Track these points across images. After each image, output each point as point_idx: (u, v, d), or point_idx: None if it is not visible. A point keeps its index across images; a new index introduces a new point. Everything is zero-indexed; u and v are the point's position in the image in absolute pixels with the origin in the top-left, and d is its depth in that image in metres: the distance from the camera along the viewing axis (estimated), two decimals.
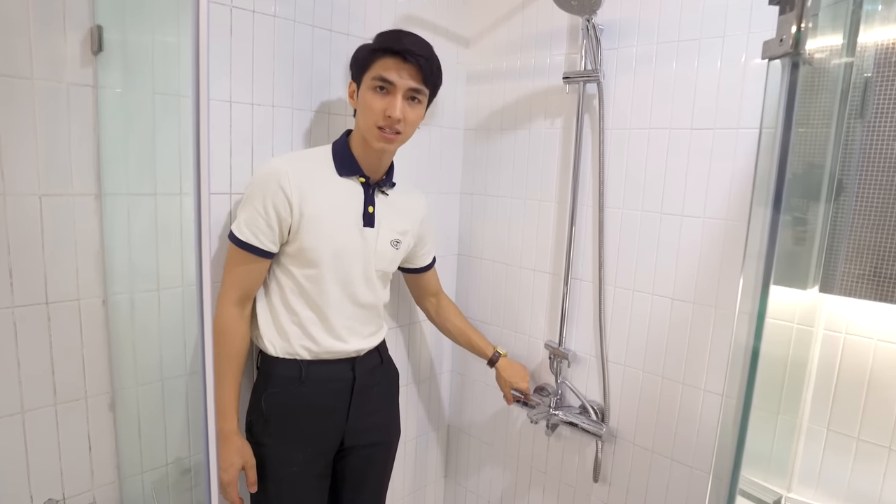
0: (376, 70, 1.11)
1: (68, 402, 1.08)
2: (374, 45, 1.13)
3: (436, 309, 1.53)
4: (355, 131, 1.20)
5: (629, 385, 1.42)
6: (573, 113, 1.45)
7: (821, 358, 1.13)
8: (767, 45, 0.65)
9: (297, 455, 1.19)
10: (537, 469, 1.65)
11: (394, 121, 1.11)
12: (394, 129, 1.13)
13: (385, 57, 1.11)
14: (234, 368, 1.14)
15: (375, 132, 1.13)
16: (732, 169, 1.20)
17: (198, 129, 0.71)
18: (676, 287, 1.31)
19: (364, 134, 1.16)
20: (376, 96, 1.12)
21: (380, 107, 1.11)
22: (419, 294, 1.52)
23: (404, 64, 1.10)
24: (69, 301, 1.06)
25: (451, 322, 1.52)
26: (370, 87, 1.12)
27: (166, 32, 1.10)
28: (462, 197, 1.78)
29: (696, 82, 1.25)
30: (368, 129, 1.14)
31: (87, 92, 1.02)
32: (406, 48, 1.10)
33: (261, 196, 1.09)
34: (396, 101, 1.11)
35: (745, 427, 0.84)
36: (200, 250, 0.75)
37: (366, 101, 1.12)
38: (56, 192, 1.01)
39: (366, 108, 1.13)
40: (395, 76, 1.10)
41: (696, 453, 1.31)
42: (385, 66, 1.11)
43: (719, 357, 1.25)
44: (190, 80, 0.70)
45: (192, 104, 0.70)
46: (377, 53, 1.11)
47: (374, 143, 1.15)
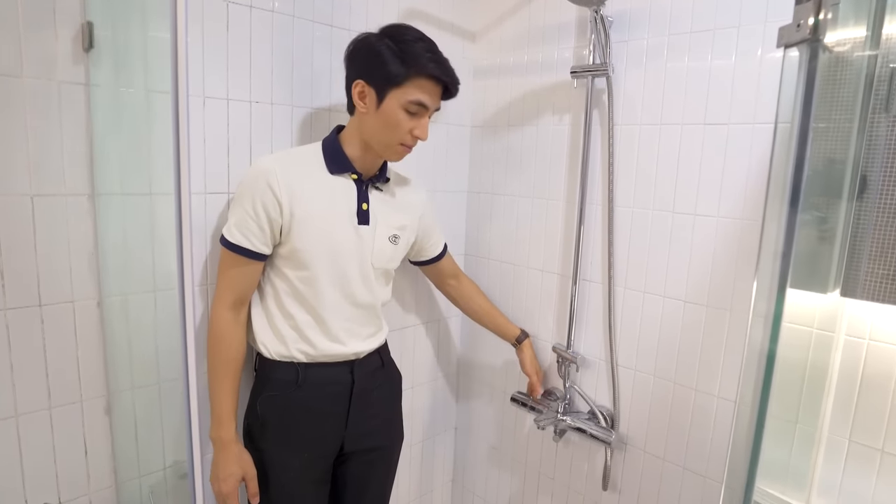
0: (414, 92, 1.07)
1: (63, 405, 1.07)
2: (412, 62, 1.06)
3: (457, 291, 1.51)
4: (353, 132, 1.16)
5: (640, 390, 1.37)
6: (582, 108, 1.40)
7: (842, 364, 1.07)
8: (784, 32, 0.60)
9: (295, 460, 1.16)
10: (545, 475, 1.61)
11: (419, 140, 1.13)
12: (414, 145, 1.14)
13: (425, 79, 1.08)
14: (230, 375, 1.11)
15: (397, 149, 1.14)
16: (748, 166, 1.15)
17: (177, 127, 0.68)
18: (689, 289, 1.26)
19: (377, 146, 1.14)
20: (408, 117, 1.09)
21: (409, 127, 1.10)
22: (438, 280, 1.52)
23: (437, 86, 1.10)
24: (63, 303, 1.04)
25: (476, 302, 1.52)
26: (403, 106, 1.08)
27: (159, 28, 1.07)
28: (469, 195, 1.74)
29: (709, 75, 1.19)
30: (388, 145, 1.13)
31: (78, 90, 1.00)
32: (452, 79, 1.11)
33: (250, 197, 1.07)
34: (426, 122, 1.12)
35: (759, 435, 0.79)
36: (181, 252, 0.73)
37: (395, 119, 1.09)
38: (48, 193, 1.00)
39: (392, 125, 1.10)
40: (431, 102, 1.10)
41: (710, 462, 1.26)
42: (424, 89, 1.08)
43: (734, 362, 1.20)
44: (169, 75, 0.67)
45: (172, 101, 0.68)
46: (415, 73, 1.06)
47: (390, 157, 1.16)
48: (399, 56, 1.06)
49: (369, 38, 1.10)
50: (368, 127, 1.12)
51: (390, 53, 1.06)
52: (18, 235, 0.98)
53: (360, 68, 1.11)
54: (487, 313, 1.52)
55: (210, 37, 1.13)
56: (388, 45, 1.07)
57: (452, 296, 1.53)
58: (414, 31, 1.10)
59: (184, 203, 0.71)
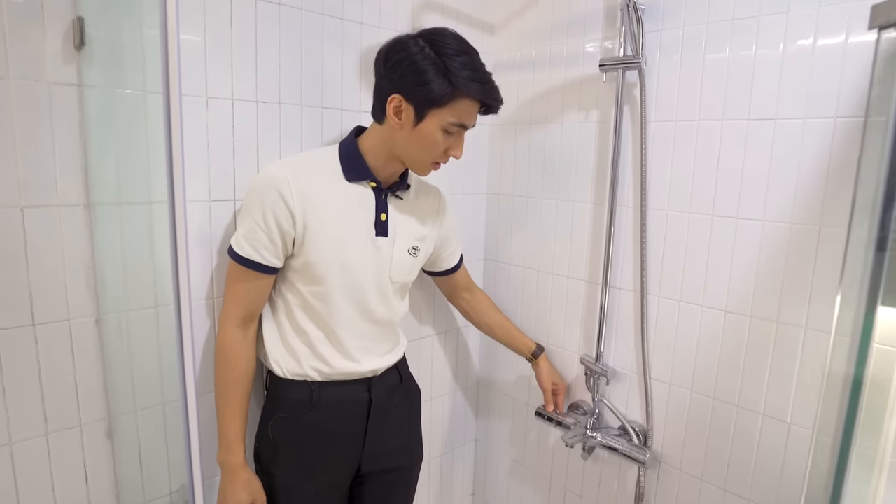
0: (458, 114, 1.00)
1: (61, 430, 1.00)
2: (454, 81, 0.96)
3: (470, 304, 1.43)
4: (377, 142, 1.06)
5: (675, 406, 1.28)
6: (611, 104, 1.31)
7: None
8: (880, 10, 0.51)
9: (310, 486, 1.08)
10: (572, 492, 1.53)
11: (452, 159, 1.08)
12: None
13: (469, 101, 1.00)
14: (238, 395, 1.04)
15: (429, 167, 1.08)
16: (798, 164, 1.05)
17: (169, 130, 0.60)
18: (730, 298, 1.16)
19: (408, 162, 1.07)
20: (446, 136, 1.02)
21: (445, 146, 1.04)
22: (451, 292, 1.43)
23: (479, 106, 1.03)
24: (58, 322, 0.97)
25: (490, 316, 1.43)
26: (443, 126, 1.00)
27: (157, 24, 1.00)
28: (489, 198, 1.65)
29: (754, 66, 1.09)
30: (422, 163, 1.06)
31: (70, 91, 0.92)
32: (498, 104, 1.05)
33: (259, 207, 0.99)
34: (462, 141, 1.07)
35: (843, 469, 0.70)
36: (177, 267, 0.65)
37: (433, 139, 1.01)
38: (40, 203, 0.92)
39: (431, 146, 1.03)
40: (472, 122, 1.04)
41: (755, 485, 1.16)
42: (468, 111, 1.01)
43: (781, 378, 1.10)
44: (159, 74, 0.58)
45: (163, 101, 0.59)
46: (462, 95, 0.98)
47: (420, 173, 1.10)
48: (443, 74, 0.96)
49: (409, 48, 0.98)
50: (400, 143, 1.04)
51: (434, 71, 0.96)
52: (9, 250, 0.90)
53: (398, 82, 0.99)
54: (502, 327, 1.43)
55: (212, 32, 1.04)
56: (431, 60, 0.96)
57: (465, 309, 1.44)
58: (456, 41, 1.00)
59: (178, 213, 0.63)
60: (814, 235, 1.04)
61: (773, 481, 1.13)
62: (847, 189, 1.00)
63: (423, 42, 0.97)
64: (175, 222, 0.64)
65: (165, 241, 1.04)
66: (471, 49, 1.01)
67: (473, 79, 0.97)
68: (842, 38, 0.98)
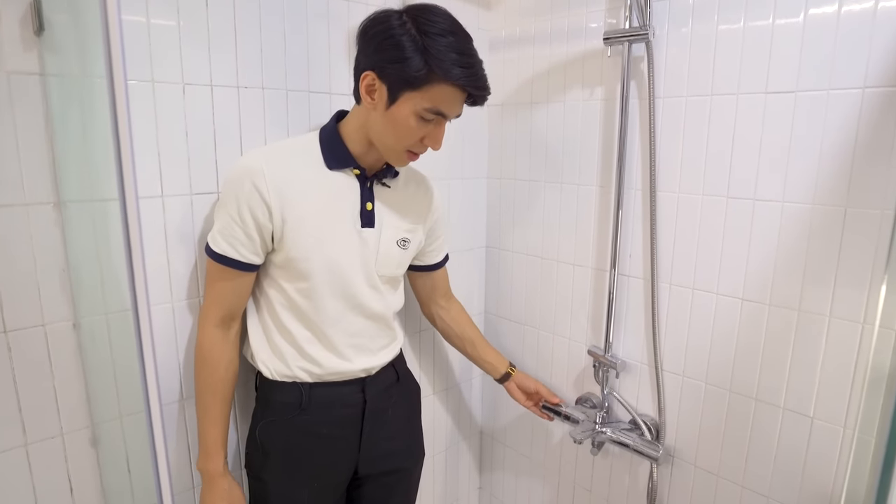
0: (435, 100, 0.90)
1: (41, 440, 0.95)
2: (431, 63, 0.87)
3: (450, 315, 1.32)
4: (356, 125, 0.99)
5: (689, 398, 1.21)
6: (616, 80, 1.23)
7: None
8: None
9: (302, 492, 1.03)
10: (581, 486, 1.47)
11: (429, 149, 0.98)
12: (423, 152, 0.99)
13: (450, 86, 0.89)
14: (218, 399, 0.98)
15: (403, 155, 0.98)
16: (821, 140, 0.97)
17: (115, 118, 0.54)
18: (747, 286, 1.09)
19: (381, 148, 0.98)
20: (421, 123, 0.92)
21: (420, 134, 0.93)
22: (426, 295, 1.30)
23: (462, 94, 0.91)
24: (32, 327, 0.91)
25: (465, 330, 1.32)
26: (418, 112, 0.90)
27: (128, 9, 0.93)
28: (489, 182, 1.58)
29: (771, 36, 1.01)
30: (395, 150, 0.96)
31: (32, 81, 0.86)
32: (483, 93, 0.92)
33: (234, 200, 0.92)
34: (441, 132, 0.96)
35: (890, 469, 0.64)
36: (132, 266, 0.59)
37: (408, 127, 0.92)
38: (5, 203, 0.86)
39: (403, 133, 0.93)
40: (452, 113, 0.94)
41: (774, 482, 1.10)
42: (446, 97, 0.90)
43: (803, 370, 1.03)
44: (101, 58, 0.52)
45: (107, 85, 0.53)
46: (439, 78, 0.88)
47: (394, 162, 1.01)
48: (422, 53, 0.86)
49: (389, 21, 0.89)
50: (374, 126, 0.96)
51: (412, 47, 0.87)
52: None
53: (372, 57, 0.91)
54: (477, 344, 1.32)
55: (186, 14, 0.97)
56: (410, 36, 0.87)
57: (441, 318, 1.32)
58: (444, 20, 0.89)
59: (130, 209, 0.57)
60: (839, 218, 0.96)
61: (794, 478, 1.07)
62: (878, 166, 0.92)
63: (407, 17, 0.88)
64: (127, 220, 0.57)
65: (148, 237, 0.99)
66: (460, 31, 0.90)
67: (455, 62, 0.87)
68: (871, 2, 0.90)
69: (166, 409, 1.06)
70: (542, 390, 1.34)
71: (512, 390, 1.35)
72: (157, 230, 1.00)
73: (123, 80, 0.52)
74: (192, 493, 1.11)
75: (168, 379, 1.06)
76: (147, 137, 0.97)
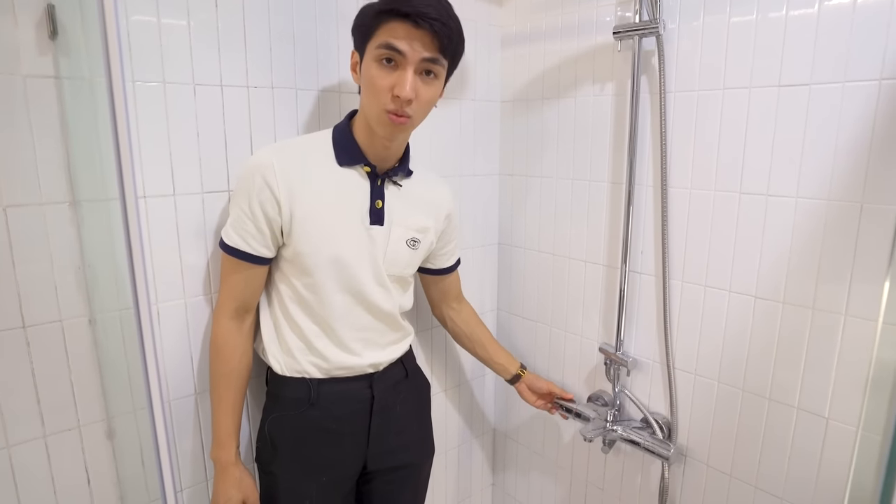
0: (382, 36, 0.90)
1: (59, 432, 0.98)
2: (378, 5, 0.91)
3: (461, 318, 1.32)
4: (360, 113, 1.01)
5: (701, 397, 1.20)
6: (627, 75, 1.21)
7: None
8: None
9: (311, 486, 1.05)
10: (594, 485, 1.46)
11: (403, 101, 0.91)
12: (403, 111, 0.92)
13: (392, 20, 0.89)
14: (231, 390, 1.00)
15: (384, 117, 0.93)
16: (836, 134, 0.94)
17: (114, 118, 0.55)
18: (760, 283, 1.07)
19: (371, 122, 0.96)
20: (383, 71, 0.91)
21: (386, 84, 0.91)
22: (438, 299, 1.31)
23: (416, 30, 0.89)
24: (50, 323, 0.94)
25: (475, 332, 1.32)
26: (374, 58, 0.91)
27: (139, 10, 0.95)
28: (501, 179, 1.58)
29: (785, 27, 0.98)
30: (375, 113, 0.94)
31: (47, 84, 0.88)
32: (418, 10, 0.87)
33: (246, 195, 0.94)
34: (407, 76, 0.90)
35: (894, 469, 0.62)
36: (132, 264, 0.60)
37: (370, 76, 0.92)
38: (23, 202, 0.89)
39: (370, 86, 0.92)
40: (406, 45, 0.89)
41: (788, 483, 1.08)
42: (392, 31, 0.89)
43: (818, 369, 1.01)
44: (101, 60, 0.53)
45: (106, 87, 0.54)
46: (382, 16, 0.90)
47: (379, 130, 0.96)
48: (377, 8, 0.91)
49: (365, 5, 0.95)
50: (362, 99, 0.98)
51: (370, 10, 0.92)
52: None
53: (353, 39, 0.99)
54: (487, 346, 1.32)
55: (196, 15, 0.99)
56: (372, 5, 0.93)
57: (452, 321, 1.32)
58: None
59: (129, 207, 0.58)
60: (854, 213, 0.94)
61: (808, 480, 1.05)
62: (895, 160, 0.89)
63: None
64: (127, 219, 0.58)
65: (158, 234, 1.02)
66: None
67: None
68: None
69: (180, 404, 1.09)
70: (555, 390, 1.33)
71: (522, 391, 1.35)
72: (170, 228, 1.02)
73: (121, 78, 0.53)
74: (205, 486, 1.14)
75: (181, 374, 1.08)
76: (159, 137, 0.99)
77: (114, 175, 0.93)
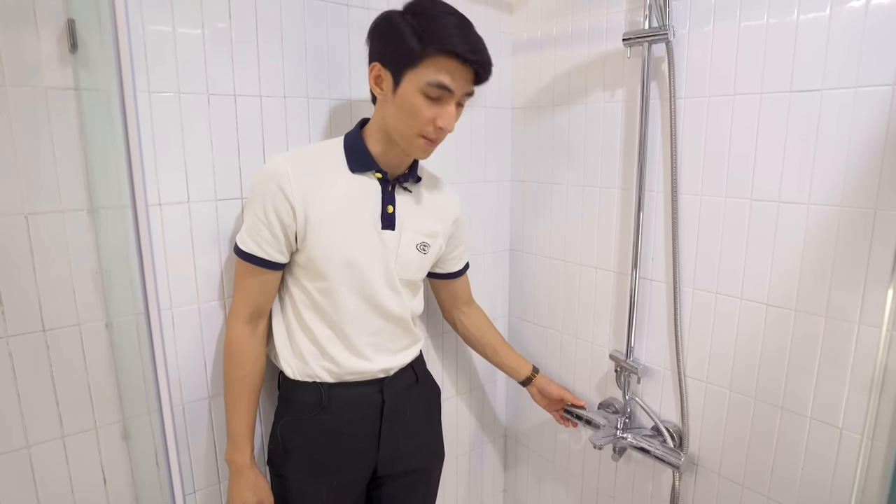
0: (432, 72, 0.91)
1: (77, 433, 1.00)
2: (426, 38, 0.90)
3: (471, 321, 1.33)
4: (376, 124, 1.02)
5: (713, 406, 1.18)
6: (637, 81, 1.21)
7: None
8: None
9: (322, 489, 1.06)
10: (604, 493, 1.46)
11: (444, 132, 0.97)
12: (438, 137, 0.98)
13: (443, 56, 0.90)
14: (246, 393, 1.02)
15: (419, 142, 0.98)
16: (849, 139, 0.93)
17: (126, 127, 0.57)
18: (772, 290, 1.06)
19: (398, 138, 0.99)
20: (427, 102, 0.93)
21: (430, 115, 0.94)
22: (448, 303, 1.33)
23: (464, 66, 0.92)
24: (68, 326, 0.97)
25: (485, 335, 1.33)
26: (421, 90, 0.92)
27: (155, 20, 0.98)
28: (512, 185, 1.58)
29: (796, 33, 0.98)
30: (408, 136, 0.97)
31: (68, 96, 0.91)
32: (474, 57, 0.92)
33: (260, 201, 0.96)
34: (451, 110, 0.95)
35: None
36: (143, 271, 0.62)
37: (414, 106, 0.94)
38: (43, 210, 0.92)
39: (412, 114, 0.94)
40: (455, 84, 0.93)
41: (802, 493, 1.06)
42: (444, 68, 0.91)
43: (831, 378, 1.00)
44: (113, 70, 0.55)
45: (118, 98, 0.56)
46: (433, 49, 0.90)
47: (412, 153, 1.01)
48: (418, 33, 0.91)
49: (391, 15, 0.95)
50: (388, 117, 0.98)
51: (410, 31, 0.91)
52: (15, 257, 0.91)
53: (376, 48, 0.98)
54: (499, 348, 1.33)
55: (210, 25, 1.02)
56: (408, 23, 0.92)
57: (462, 324, 1.33)
58: (444, 5, 0.94)
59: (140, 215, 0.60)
60: (867, 220, 0.93)
61: (822, 491, 1.03)
62: None
63: (407, 10, 0.94)
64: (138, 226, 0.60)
65: (172, 241, 1.04)
66: (459, 15, 0.94)
67: (450, 35, 0.90)
68: None
69: (194, 406, 1.11)
70: (567, 397, 1.33)
71: (534, 395, 1.35)
72: (184, 234, 1.05)
73: (133, 92, 0.55)
74: (217, 488, 1.16)
75: (195, 378, 1.10)
76: (174, 146, 1.01)
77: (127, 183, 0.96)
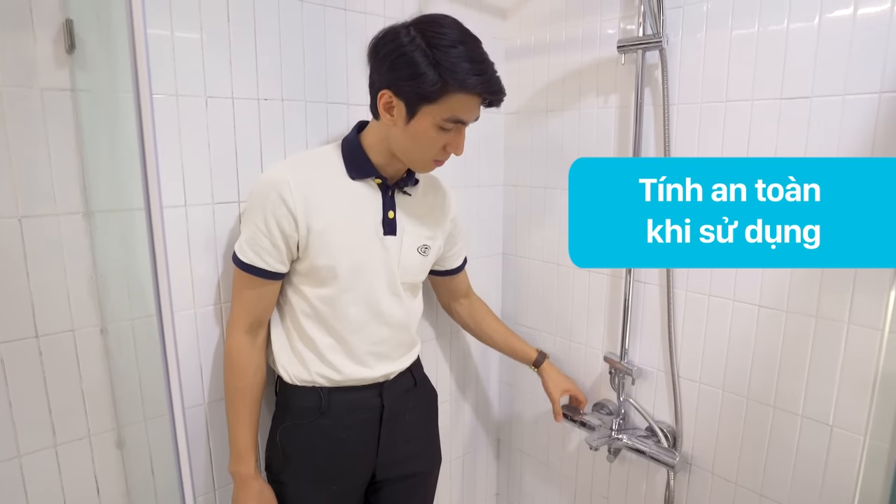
0: (453, 109, 0.92)
1: (70, 441, 0.98)
2: (444, 74, 0.88)
3: (468, 311, 1.35)
4: (378, 138, 1.01)
5: (706, 406, 1.21)
6: (631, 88, 1.23)
7: None
8: None
9: (321, 495, 1.05)
10: (599, 494, 1.47)
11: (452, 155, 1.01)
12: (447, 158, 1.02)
13: (465, 93, 0.91)
14: (248, 404, 1.01)
15: (429, 165, 1.02)
16: (837, 145, 0.96)
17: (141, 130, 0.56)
18: (764, 292, 1.09)
19: (405, 160, 1.01)
20: (441, 132, 0.95)
21: (442, 143, 0.97)
22: (449, 297, 1.34)
23: (478, 99, 0.94)
24: (62, 332, 0.95)
25: (488, 324, 1.35)
26: (437, 124, 0.93)
27: (153, 24, 0.97)
28: (505, 189, 1.59)
29: (786, 40, 1.01)
30: (418, 161, 1.00)
31: (63, 97, 0.90)
32: (493, 97, 0.94)
33: (261, 211, 0.95)
34: (462, 138, 0.99)
35: None
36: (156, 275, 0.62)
37: (427, 137, 0.95)
38: (38, 213, 0.90)
39: (423, 143, 0.96)
40: (470, 116, 0.96)
41: (793, 490, 1.09)
42: (463, 104, 0.92)
43: (822, 377, 1.02)
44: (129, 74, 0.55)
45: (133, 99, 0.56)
46: (453, 89, 0.90)
47: (417, 169, 1.05)
48: (434, 67, 0.88)
49: (399, 38, 0.91)
50: (396, 140, 0.98)
51: (425, 63, 0.88)
52: (8, 261, 0.89)
53: (387, 76, 0.93)
54: (502, 334, 1.35)
55: (209, 28, 1.01)
56: (422, 51, 0.89)
57: (463, 315, 1.35)
58: (452, 30, 0.91)
59: (155, 219, 0.59)
60: None
61: (813, 487, 1.06)
62: None
63: (415, 31, 0.90)
64: (152, 229, 0.60)
65: (170, 246, 1.03)
66: (469, 38, 0.92)
67: (469, 71, 0.89)
68: (888, 4, 0.89)
69: (191, 413, 1.09)
70: (573, 390, 1.33)
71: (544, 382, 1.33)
72: (181, 239, 1.03)
73: (149, 93, 0.55)
74: (213, 496, 1.14)
75: (191, 384, 1.09)
76: (171, 149, 1.00)
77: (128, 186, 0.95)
